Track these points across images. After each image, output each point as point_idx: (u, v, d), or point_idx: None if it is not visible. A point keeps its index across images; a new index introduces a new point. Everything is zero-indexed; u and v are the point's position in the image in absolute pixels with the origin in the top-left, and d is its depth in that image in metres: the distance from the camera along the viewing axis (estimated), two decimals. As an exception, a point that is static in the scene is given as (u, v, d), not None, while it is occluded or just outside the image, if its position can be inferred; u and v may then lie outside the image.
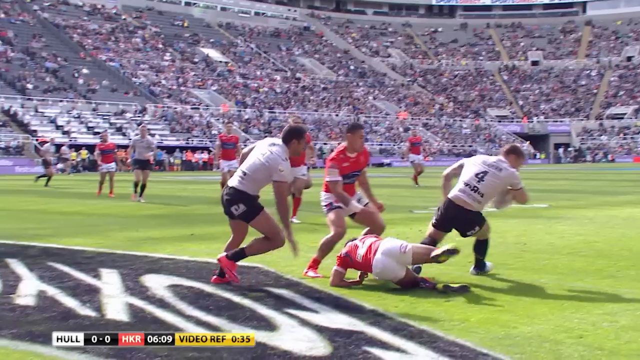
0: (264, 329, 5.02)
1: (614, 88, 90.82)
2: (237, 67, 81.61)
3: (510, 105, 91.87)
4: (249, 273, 7.22)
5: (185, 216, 14.41)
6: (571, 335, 4.75)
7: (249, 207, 6.53)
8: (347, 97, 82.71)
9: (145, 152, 18.50)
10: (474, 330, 4.89)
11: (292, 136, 6.68)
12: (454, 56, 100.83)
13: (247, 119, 68.13)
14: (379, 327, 5.01)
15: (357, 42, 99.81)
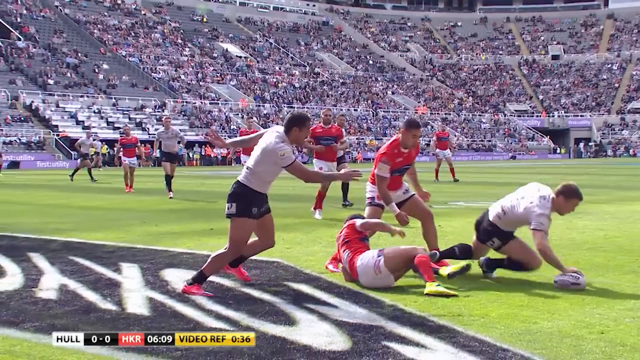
0: (283, 323, 5.02)
1: (635, 82, 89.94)
2: (256, 62, 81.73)
3: (530, 99, 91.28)
4: (269, 268, 7.23)
5: (204, 211, 14.45)
6: (592, 331, 4.71)
7: (238, 208, 6.02)
8: (365, 92, 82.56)
9: (172, 144, 17.96)
10: (494, 326, 4.86)
11: (292, 124, 6.18)
12: (473, 50, 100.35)
13: (266, 113, 68.21)
14: (398, 322, 5.00)
15: (376, 36, 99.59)
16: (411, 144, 7.24)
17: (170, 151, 17.97)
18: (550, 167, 42.29)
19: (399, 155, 7.25)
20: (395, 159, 7.21)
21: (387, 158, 7.19)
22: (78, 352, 4.41)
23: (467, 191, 17.65)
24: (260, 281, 6.54)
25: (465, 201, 15.30)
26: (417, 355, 4.25)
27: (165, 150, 18.10)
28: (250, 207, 6.04)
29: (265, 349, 4.41)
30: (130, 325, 5.01)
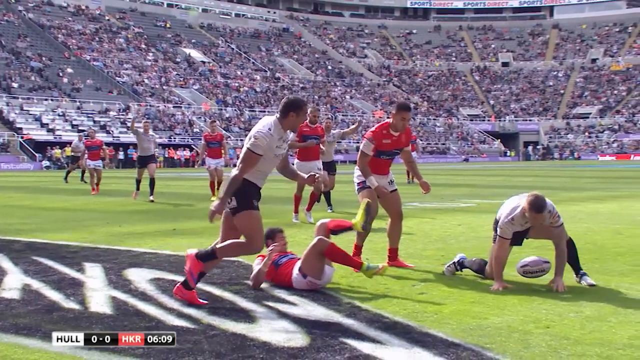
0: (243, 321, 5.00)
1: (579, 89, 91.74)
2: (218, 67, 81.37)
3: (482, 104, 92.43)
4: (229, 267, 7.19)
5: (168, 212, 14.33)
6: (539, 326, 4.78)
7: (239, 201, 5.55)
8: (325, 97, 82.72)
9: (149, 148, 17.49)
10: (447, 322, 4.90)
11: (289, 108, 5.58)
12: (427, 57, 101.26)
13: (228, 117, 67.95)
14: (355, 318, 5.02)
15: (335, 43, 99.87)
16: (400, 126, 7.07)
17: (146, 155, 17.46)
18: (500, 169, 42.86)
19: (387, 137, 7.10)
20: (382, 139, 7.06)
21: (373, 137, 7.09)
22: (41, 351, 4.33)
23: (421, 192, 17.75)
24: (221, 280, 6.50)
25: (420, 202, 15.42)
26: (373, 350, 4.27)
27: (141, 155, 17.54)
28: (250, 198, 5.57)
29: (225, 346, 4.38)
30: (93, 324, 4.94)
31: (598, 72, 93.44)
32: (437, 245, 8.71)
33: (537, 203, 5.85)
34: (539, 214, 5.87)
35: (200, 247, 8.64)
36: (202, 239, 9.60)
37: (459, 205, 15.05)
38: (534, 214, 5.87)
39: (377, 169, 7.22)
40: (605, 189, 20.39)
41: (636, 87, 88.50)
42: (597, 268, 6.63)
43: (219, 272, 6.85)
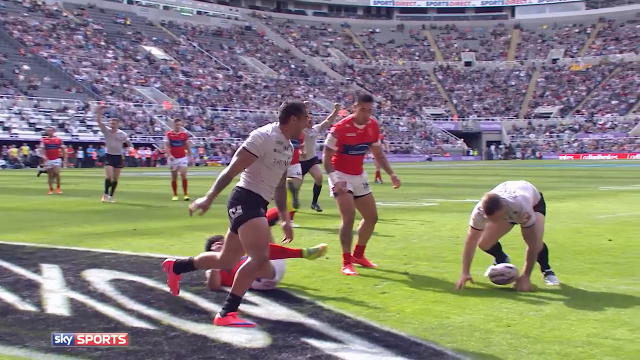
0: (204, 321, 4.98)
1: (540, 89, 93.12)
2: (180, 65, 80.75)
3: (445, 104, 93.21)
4: (191, 267, 7.14)
5: (128, 212, 14.19)
6: (500, 324, 4.84)
7: (245, 209, 5.09)
8: (288, 95, 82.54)
9: (117, 147, 16.98)
10: (409, 321, 4.94)
11: (289, 112, 5.28)
12: (391, 56, 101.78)
13: (190, 116, 67.48)
14: (316, 318, 5.03)
15: (298, 41, 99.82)
16: (362, 118, 6.99)
17: (114, 154, 17.00)
18: (463, 169, 43.29)
19: (351, 130, 7.03)
20: (345, 133, 7.00)
21: (336, 130, 7.06)
22: (-5, 355, 4.26)
23: (386, 192, 17.85)
24: (182, 280, 6.44)
25: (383, 201, 15.50)
26: (335, 350, 4.28)
27: (109, 153, 17.04)
28: (257, 206, 5.14)
29: (186, 347, 4.36)
30: (49, 326, 4.87)
31: (559, 72, 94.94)
32: (399, 245, 8.77)
33: (487, 205, 5.91)
34: (491, 215, 5.92)
35: (160, 246, 8.62)
36: (162, 238, 9.54)
37: (422, 205, 15.17)
38: (486, 215, 5.95)
39: (349, 167, 7.15)
40: (566, 188, 20.71)
41: (595, 88, 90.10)
42: (558, 267, 6.74)
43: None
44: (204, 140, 63.97)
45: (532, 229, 6.04)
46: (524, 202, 5.98)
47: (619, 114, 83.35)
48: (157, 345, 4.41)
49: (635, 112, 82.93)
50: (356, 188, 7.18)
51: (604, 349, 4.25)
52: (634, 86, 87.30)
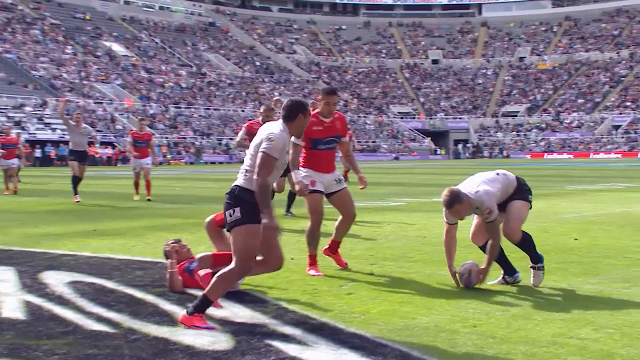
0: (166, 324, 4.94)
1: (508, 87, 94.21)
2: (142, 61, 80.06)
3: (412, 102, 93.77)
4: (153, 268, 7.10)
5: (88, 212, 14.03)
6: (466, 325, 4.88)
7: (244, 212, 4.92)
8: (253, 93, 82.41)
9: (82, 142, 16.37)
10: (374, 322, 4.96)
11: (297, 110, 5.20)
12: (357, 54, 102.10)
13: (152, 114, 66.92)
14: (281, 320, 5.02)
15: (263, 38, 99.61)
16: (326, 111, 6.98)
17: (79, 149, 16.42)
18: (431, 168, 43.60)
19: (317, 124, 6.99)
20: (311, 126, 6.90)
21: None
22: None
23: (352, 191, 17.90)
24: (144, 282, 6.40)
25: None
26: (299, 352, 4.28)
27: (74, 149, 16.44)
28: (257, 213, 4.92)
29: (147, 351, 4.32)
30: (4, 330, 4.80)
31: (526, 71, 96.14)
32: (365, 245, 8.80)
33: (446, 199, 6.00)
34: (450, 209, 6.01)
35: (121, 247, 8.54)
36: (125, 239, 9.45)
37: (389, 204, 15.24)
38: (445, 208, 6.06)
39: (319, 164, 7.07)
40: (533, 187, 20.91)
41: (562, 86, 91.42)
42: (524, 266, 6.80)
43: (141, 275, 6.75)
44: (166, 139, 63.50)
45: (494, 224, 6.05)
46: (485, 196, 5.96)
47: (585, 113, 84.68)
48: (117, 349, 4.37)
49: (601, 111, 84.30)
50: (328, 186, 7.12)
51: (569, 349, 4.31)
52: (600, 85, 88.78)
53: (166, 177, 31.03)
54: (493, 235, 6.11)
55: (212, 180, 29.20)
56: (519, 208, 6.20)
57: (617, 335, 4.57)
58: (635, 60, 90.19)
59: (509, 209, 6.18)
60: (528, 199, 6.31)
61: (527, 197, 6.31)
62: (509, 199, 6.21)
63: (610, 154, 74.62)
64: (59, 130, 54.80)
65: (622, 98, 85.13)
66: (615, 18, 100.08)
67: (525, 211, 6.28)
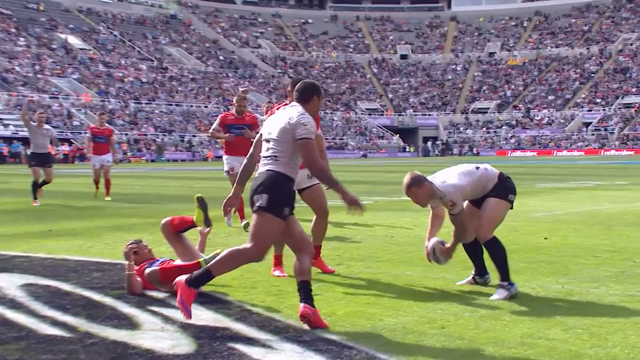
0: (125, 327, 4.90)
1: (477, 83, 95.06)
2: (100, 54, 79.25)
3: (380, 98, 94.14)
4: (112, 270, 7.04)
5: (43, 211, 13.86)
6: (434, 326, 4.92)
7: (270, 201, 4.95)
8: (216, 88, 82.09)
9: (44, 144, 15.78)
10: (341, 324, 4.97)
11: (312, 92, 5.28)
12: (324, 48, 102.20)
13: (111, 109, 66.29)
14: (245, 322, 5.02)
15: (227, 32, 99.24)
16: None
17: (41, 152, 15.77)
18: (400, 165, 43.85)
19: None
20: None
21: (266, 115, 7.06)
22: None
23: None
24: (102, 284, 6.34)
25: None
26: (263, 356, 4.28)
27: (35, 152, 15.81)
28: (284, 205, 4.99)
29: (104, 355, 4.29)
30: (-46, 336, 4.72)
31: (496, 67, 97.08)
32: (331, 245, 8.80)
33: (406, 181, 5.97)
34: (407, 191, 5.99)
35: (78, 248, 8.45)
36: (82, 240, 9.36)
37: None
38: (404, 191, 6.03)
39: None
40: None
41: (532, 82, 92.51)
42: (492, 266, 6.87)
43: (99, 277, 6.69)
44: (126, 136, 62.98)
45: (457, 218, 6.00)
46: (450, 188, 5.86)
47: (556, 110, 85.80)
48: (72, 353, 4.32)
49: (571, 108, 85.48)
50: (299, 181, 7.07)
51: (538, 350, 4.37)
52: (570, 81, 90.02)
53: (126, 175, 30.76)
54: (457, 227, 6.10)
55: (174, 179, 29.03)
56: (492, 206, 6.01)
57: (585, 336, 4.64)
58: (604, 57, 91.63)
59: (483, 206, 6.04)
60: (508, 198, 6.08)
61: (506, 196, 6.07)
62: (486, 196, 6.07)
63: (573, 151, 75.64)
64: (11, 127, 53.96)
65: (592, 95, 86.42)
66: (585, 13, 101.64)
67: (501, 210, 6.07)
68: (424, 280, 6.54)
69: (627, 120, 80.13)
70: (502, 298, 5.75)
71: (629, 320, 5.05)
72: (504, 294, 5.79)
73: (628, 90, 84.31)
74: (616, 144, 76.27)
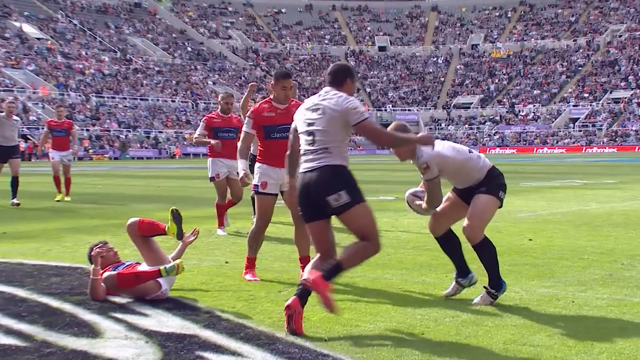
0: (85, 335, 4.87)
1: (460, 77, 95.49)
2: (58, 45, 78.58)
3: (358, 92, 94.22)
4: (71, 274, 6.99)
5: (-3, 212, 13.72)
6: (413, 332, 4.94)
7: (352, 192, 5.04)
8: (184, 82, 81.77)
9: (13, 136, 15.38)
10: (315, 330, 4.98)
11: (345, 74, 5.42)
12: (298, 39, 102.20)
13: (71, 103, 65.78)
14: (214, 329, 5.00)
15: (195, 21, 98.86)
16: (282, 97, 6.96)
17: (8, 145, 15.30)
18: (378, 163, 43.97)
19: (270, 110, 6.97)
20: (262, 112, 6.93)
21: (252, 112, 7.03)
22: None
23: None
24: (61, 290, 6.29)
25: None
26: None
27: (3, 144, 15.21)
28: (358, 190, 5.11)
29: (64, 366, 4.26)
30: None
31: (479, 59, 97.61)
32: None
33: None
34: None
35: (33, 252, 8.37)
36: (39, 243, 9.29)
37: (332, 203, 15.28)
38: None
39: (274, 156, 6.90)
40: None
41: (517, 76, 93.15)
42: (475, 269, 6.90)
43: (57, 282, 6.64)
44: (88, 132, 62.52)
45: (429, 184, 5.89)
46: (430, 151, 5.72)
47: (541, 105, 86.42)
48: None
49: (557, 103, 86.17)
50: (283, 183, 7.08)
51: (522, 356, 4.40)
52: (556, 75, 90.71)
53: (88, 174, 30.53)
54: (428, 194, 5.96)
55: (139, 178, 28.87)
56: (483, 204, 5.84)
57: (571, 342, 4.68)
58: (592, 49, 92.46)
59: (472, 204, 5.88)
60: (499, 196, 5.91)
61: (497, 193, 5.90)
62: (474, 190, 5.91)
63: (554, 149, 76.28)
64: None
65: (580, 89, 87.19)
66: (572, 3, 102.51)
67: (492, 208, 5.91)
68: (402, 284, 6.56)
69: (615, 115, 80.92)
70: (485, 304, 5.74)
71: (616, 325, 5.11)
72: (487, 300, 5.77)
73: (617, 84, 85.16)
74: (604, 141, 77.00)
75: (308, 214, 5.21)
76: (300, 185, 5.20)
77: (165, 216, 6.79)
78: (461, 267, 6.09)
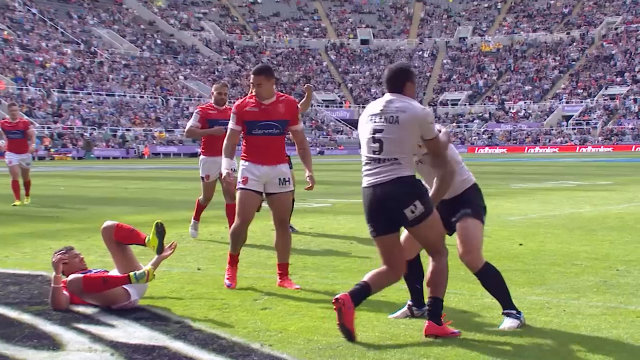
0: (46, 348, 4.85)
1: (447, 71, 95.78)
2: (16, 36, 78.01)
3: (339, 88, 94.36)
4: (31, 283, 6.96)
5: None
6: (397, 343, 4.96)
7: (425, 202, 5.19)
8: (153, 76, 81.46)
9: None
10: (293, 341, 4.99)
11: (405, 77, 5.37)
12: (275, 32, 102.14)
13: (31, 99, 65.36)
14: (185, 340, 5.00)
15: (164, 12, 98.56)
16: (263, 93, 6.96)
17: None
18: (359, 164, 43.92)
19: (253, 105, 7.02)
20: (245, 107, 6.98)
21: (236, 107, 7.09)
22: None
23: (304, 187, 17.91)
24: (20, 299, 6.27)
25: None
26: (205, 378, 4.27)
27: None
28: (429, 200, 5.27)
29: (23, 381, 4.24)
30: None
31: (467, 53, 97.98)
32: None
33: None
34: None
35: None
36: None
37: (312, 206, 15.32)
38: None
39: (257, 153, 7.00)
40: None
41: (507, 71, 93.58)
42: (462, 276, 6.94)
43: (16, 290, 6.60)
44: (49, 129, 62.12)
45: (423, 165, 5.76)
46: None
47: (533, 102, 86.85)
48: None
49: (550, 99, 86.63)
50: (268, 182, 7.09)
51: (512, 367, 4.44)
52: (549, 70, 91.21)
53: (49, 175, 30.33)
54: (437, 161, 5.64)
55: (105, 179, 28.73)
56: (474, 229, 5.63)
57: (564, 352, 4.72)
58: (586, 43, 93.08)
59: (462, 228, 5.63)
60: (483, 220, 5.76)
61: (482, 217, 5.75)
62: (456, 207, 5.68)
63: (546, 148, 76.66)
64: None
65: (573, 85, 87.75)
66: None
67: (481, 231, 5.71)
68: (386, 292, 6.57)
69: (610, 113, 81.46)
70: (515, 327, 5.38)
71: (611, 334, 5.15)
72: (515, 323, 5.41)
73: (612, 79, 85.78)
74: (599, 140, 77.47)
75: (380, 228, 5.31)
76: (371, 201, 5.28)
77: (133, 220, 6.77)
78: (419, 297, 5.86)
